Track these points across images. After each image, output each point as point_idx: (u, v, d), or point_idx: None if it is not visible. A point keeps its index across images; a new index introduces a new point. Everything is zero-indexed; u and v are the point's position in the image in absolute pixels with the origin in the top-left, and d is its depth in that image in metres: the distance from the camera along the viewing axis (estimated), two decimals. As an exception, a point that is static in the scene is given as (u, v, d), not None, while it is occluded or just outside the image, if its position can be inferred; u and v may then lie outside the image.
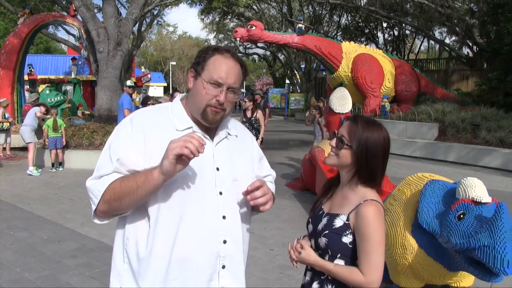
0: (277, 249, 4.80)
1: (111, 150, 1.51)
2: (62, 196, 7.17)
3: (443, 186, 3.01)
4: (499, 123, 11.44)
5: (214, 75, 1.51)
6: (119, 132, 1.56)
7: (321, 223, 1.73)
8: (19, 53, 13.71)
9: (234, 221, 1.58)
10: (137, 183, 1.40)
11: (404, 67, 16.02)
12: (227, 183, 1.57)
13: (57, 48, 45.27)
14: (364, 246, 1.61)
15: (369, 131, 1.68)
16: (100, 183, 1.47)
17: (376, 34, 32.18)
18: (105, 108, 11.65)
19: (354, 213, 1.66)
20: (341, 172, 1.78)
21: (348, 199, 1.72)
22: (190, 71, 1.59)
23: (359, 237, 1.63)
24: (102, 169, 1.50)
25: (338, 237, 1.66)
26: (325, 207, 1.81)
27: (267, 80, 50.31)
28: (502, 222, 2.22)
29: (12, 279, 3.98)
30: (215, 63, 1.53)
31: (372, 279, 1.60)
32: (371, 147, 1.67)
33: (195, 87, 1.55)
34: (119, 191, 1.42)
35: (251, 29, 14.07)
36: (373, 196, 1.69)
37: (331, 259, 1.68)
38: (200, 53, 1.58)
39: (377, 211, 1.64)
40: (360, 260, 1.63)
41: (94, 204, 1.49)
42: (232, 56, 1.56)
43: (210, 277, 1.52)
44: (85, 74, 22.14)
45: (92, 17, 11.79)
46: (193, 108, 1.56)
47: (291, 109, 28.79)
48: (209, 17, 34.98)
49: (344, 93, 7.23)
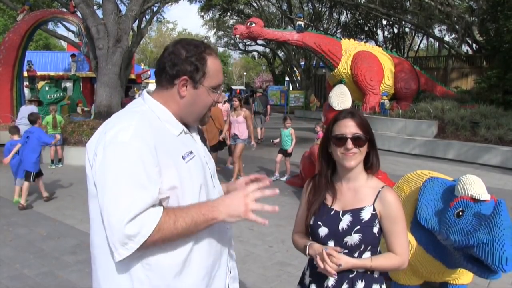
0: (276, 246, 4.81)
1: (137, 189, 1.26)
2: (62, 193, 7.17)
3: (442, 184, 3.02)
4: (498, 121, 11.45)
5: (218, 80, 1.49)
6: (125, 163, 1.28)
7: (343, 222, 1.71)
8: (18, 49, 13.66)
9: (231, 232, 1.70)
10: (195, 223, 1.31)
11: (403, 65, 15.99)
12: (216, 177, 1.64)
13: (57, 44, 45.18)
14: (396, 229, 1.70)
15: (365, 118, 1.78)
16: (144, 225, 1.24)
17: (376, 32, 32.13)
18: (104, 104, 11.64)
19: (378, 201, 1.71)
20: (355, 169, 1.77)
21: (362, 191, 1.75)
22: (181, 78, 1.43)
23: (390, 221, 1.70)
24: (136, 202, 1.24)
25: (370, 229, 1.69)
26: (335, 206, 1.78)
27: (267, 77, 50.28)
28: (500, 219, 2.22)
29: (12, 276, 3.99)
30: (213, 67, 1.48)
31: (406, 258, 1.72)
32: (372, 133, 1.76)
33: (197, 97, 1.47)
34: (172, 230, 1.28)
35: (251, 26, 14.04)
36: (383, 183, 1.78)
37: (361, 254, 1.70)
38: (191, 58, 1.43)
39: (397, 195, 1.76)
40: (393, 243, 1.71)
41: (132, 248, 1.25)
42: (216, 54, 1.55)
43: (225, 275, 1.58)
44: (85, 70, 22.09)
45: (91, 13, 11.77)
46: (191, 115, 1.51)
47: (290, 106, 28.74)
48: (209, 14, 34.89)
49: (343, 90, 7.23)
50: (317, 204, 1.82)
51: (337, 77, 15.14)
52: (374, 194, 1.72)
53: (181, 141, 1.46)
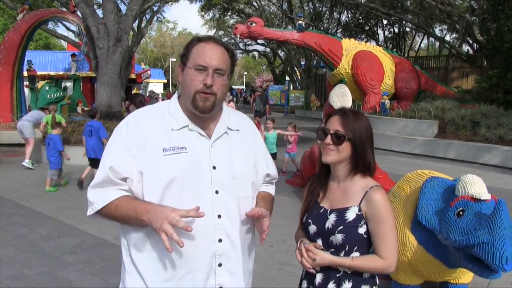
0: (277, 246, 4.80)
1: (106, 156, 1.56)
2: (62, 193, 7.17)
3: (442, 183, 3.01)
4: (498, 121, 11.45)
5: (198, 60, 1.52)
6: (115, 136, 1.60)
7: (329, 220, 1.71)
8: (18, 49, 13.67)
9: (230, 220, 1.57)
10: (129, 216, 1.48)
11: (404, 64, 15.98)
12: (224, 181, 1.56)
13: (57, 44, 45.18)
14: (381, 231, 1.64)
15: (359, 120, 1.72)
16: (100, 198, 1.53)
17: (376, 31, 32.14)
18: (104, 104, 11.63)
19: (364, 201, 1.67)
20: (337, 166, 1.76)
21: (350, 191, 1.72)
22: (178, 66, 1.63)
23: (375, 223, 1.65)
24: (97, 177, 1.56)
25: (354, 230, 1.67)
26: (324, 204, 1.78)
27: (267, 76, 50.28)
28: (501, 219, 2.22)
29: (12, 275, 3.99)
30: (198, 50, 1.55)
31: (392, 262, 1.65)
32: (363, 136, 1.71)
33: (183, 78, 1.57)
34: (114, 214, 1.52)
35: (251, 26, 14.03)
36: (375, 183, 1.72)
37: (347, 254, 1.68)
38: (185, 48, 1.61)
39: (385, 195, 1.69)
40: (378, 245, 1.65)
41: (91, 211, 1.58)
42: (215, 41, 1.58)
43: (206, 276, 1.54)
44: (85, 70, 22.09)
45: (91, 13, 11.76)
46: (185, 100, 1.57)
47: (291, 106, 28.73)
48: (209, 13, 34.95)
49: (344, 90, 7.22)
50: (310, 202, 1.83)
51: (337, 77, 15.13)
52: (361, 195, 1.69)
53: (176, 136, 1.54)
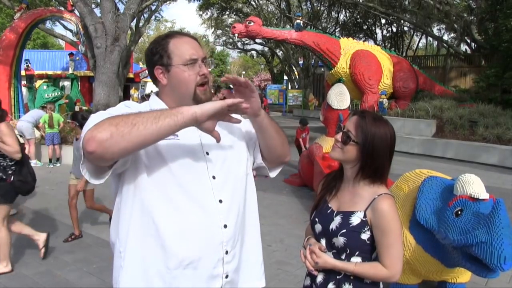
0: (275, 245, 4.80)
1: (103, 113, 1.41)
2: (60, 192, 7.15)
3: (441, 183, 3.01)
4: (496, 120, 11.47)
5: (186, 55, 1.50)
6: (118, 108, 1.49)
7: (334, 222, 1.70)
8: (16, 48, 13.62)
9: (231, 204, 1.54)
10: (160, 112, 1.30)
11: (402, 64, 16.00)
12: (218, 166, 1.55)
13: (55, 43, 45.03)
14: (385, 241, 1.62)
15: (376, 127, 1.66)
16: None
17: (375, 31, 32.16)
18: (103, 103, 11.60)
19: (370, 209, 1.65)
20: (345, 166, 1.76)
21: (359, 195, 1.70)
22: (155, 69, 1.53)
23: (379, 232, 1.63)
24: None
25: (357, 235, 1.65)
26: (332, 205, 1.77)
27: (265, 76, 50.23)
28: (499, 218, 2.22)
29: (9, 275, 3.97)
30: (177, 46, 1.52)
31: (396, 271, 1.64)
32: (377, 144, 1.65)
33: (174, 78, 1.52)
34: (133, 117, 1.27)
35: (249, 25, 14.03)
36: (385, 190, 1.69)
37: (348, 257, 1.67)
38: (154, 49, 1.54)
39: (393, 204, 1.66)
40: (382, 254, 1.64)
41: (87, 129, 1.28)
42: (185, 34, 1.59)
43: (214, 264, 1.49)
44: (83, 69, 22.03)
45: (89, 12, 11.73)
46: (182, 99, 1.52)
47: (289, 105, 28.72)
48: (207, 12, 34.92)
49: (342, 89, 7.24)
50: (321, 199, 1.82)
51: (335, 76, 15.13)
52: (369, 201, 1.67)
53: None
